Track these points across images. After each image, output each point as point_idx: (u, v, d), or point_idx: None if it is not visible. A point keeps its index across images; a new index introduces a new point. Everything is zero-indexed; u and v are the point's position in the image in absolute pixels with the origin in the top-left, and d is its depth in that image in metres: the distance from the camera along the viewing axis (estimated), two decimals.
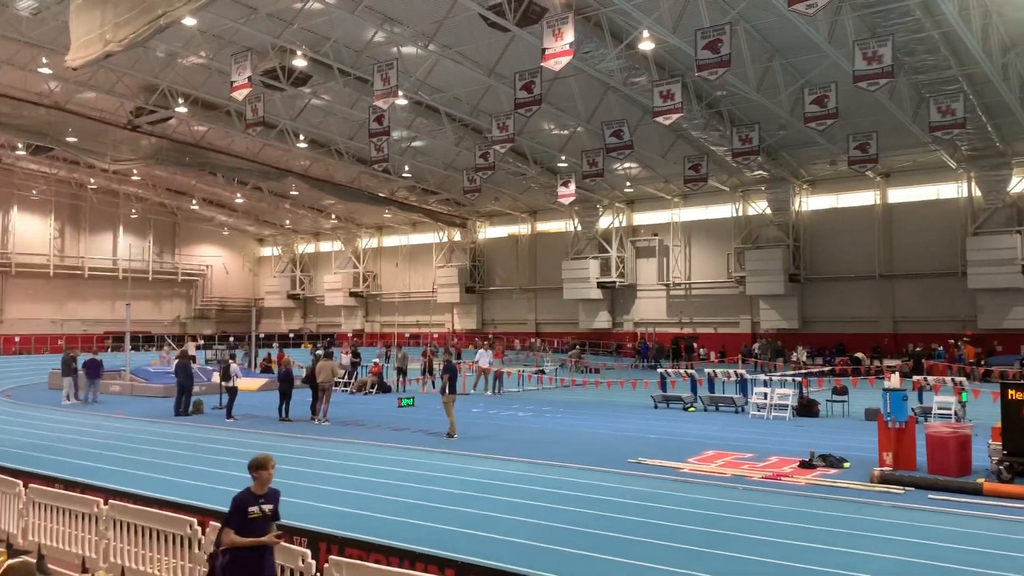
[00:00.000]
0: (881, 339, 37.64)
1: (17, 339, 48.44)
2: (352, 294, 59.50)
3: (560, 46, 20.46)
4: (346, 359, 31.13)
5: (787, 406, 21.05)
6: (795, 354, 37.19)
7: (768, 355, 37.55)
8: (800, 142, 34.06)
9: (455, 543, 9.09)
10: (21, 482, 9.52)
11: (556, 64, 20.90)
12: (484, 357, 28.91)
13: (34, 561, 7.25)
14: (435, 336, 51.65)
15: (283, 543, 6.28)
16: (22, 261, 51.93)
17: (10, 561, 5.08)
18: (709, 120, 30.40)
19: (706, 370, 25.56)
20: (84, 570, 8.38)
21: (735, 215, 43.01)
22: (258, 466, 6.18)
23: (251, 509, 6.00)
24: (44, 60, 28.86)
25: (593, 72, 26.13)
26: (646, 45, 24.08)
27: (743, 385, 23.28)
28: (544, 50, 20.81)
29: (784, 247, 39.91)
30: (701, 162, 33.52)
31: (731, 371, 24.99)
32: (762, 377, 24.03)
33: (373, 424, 20.28)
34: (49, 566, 8.81)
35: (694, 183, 34.22)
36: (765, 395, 21.53)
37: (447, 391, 17.89)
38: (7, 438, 17.93)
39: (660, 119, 24.85)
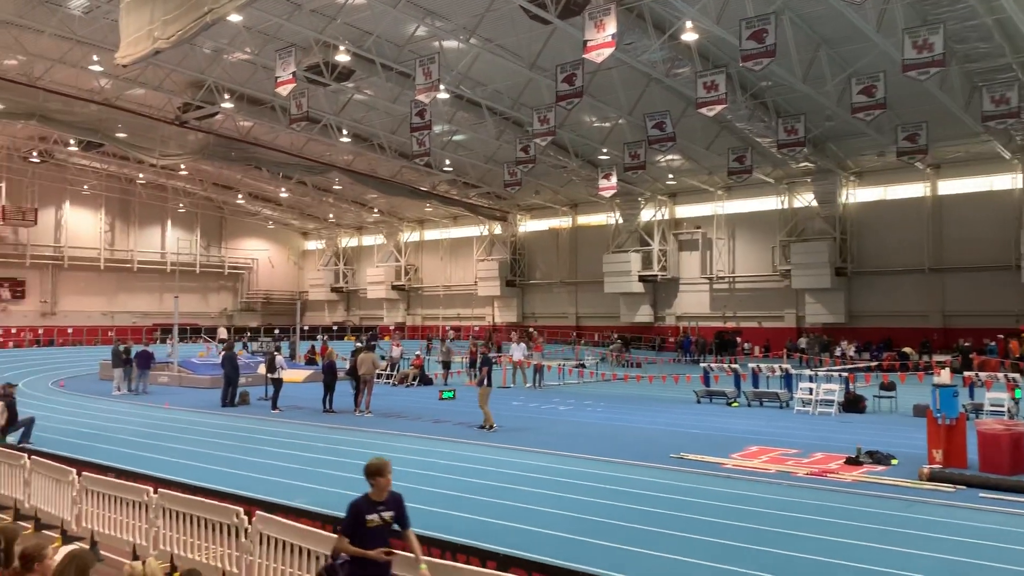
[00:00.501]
0: (930, 334, 36.84)
1: (70, 330, 49.72)
2: (394, 287, 59.99)
3: (602, 38, 20.32)
4: (396, 351, 31.41)
5: (833, 402, 20.72)
6: (839, 348, 36.59)
7: (816, 350, 37.00)
8: (847, 133, 33.43)
9: (495, 535, 9.12)
10: (75, 470, 9.74)
11: (598, 56, 20.78)
12: (518, 350, 28.93)
13: (88, 549, 7.45)
14: (476, 329, 51.92)
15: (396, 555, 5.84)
16: (74, 255, 53.29)
17: (71, 549, 5.22)
18: (754, 111, 29.98)
19: (750, 365, 25.27)
20: (135, 557, 8.56)
21: (780, 207, 42.41)
22: (376, 472, 5.83)
23: (369, 517, 5.66)
24: (95, 58, 29.50)
25: (635, 63, 25.92)
26: (689, 36, 23.83)
27: (788, 380, 22.96)
28: (586, 42, 20.70)
29: (830, 240, 39.26)
30: (745, 154, 33.11)
31: (776, 366, 24.65)
32: (807, 372, 23.67)
33: (414, 416, 20.42)
34: (101, 552, 9.06)
35: (738, 175, 33.82)
36: (810, 390, 21.22)
37: (486, 383, 17.99)
38: (61, 427, 18.42)
39: (704, 110, 24.61)
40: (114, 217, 55.84)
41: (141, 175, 52.44)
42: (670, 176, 42.59)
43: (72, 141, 42.40)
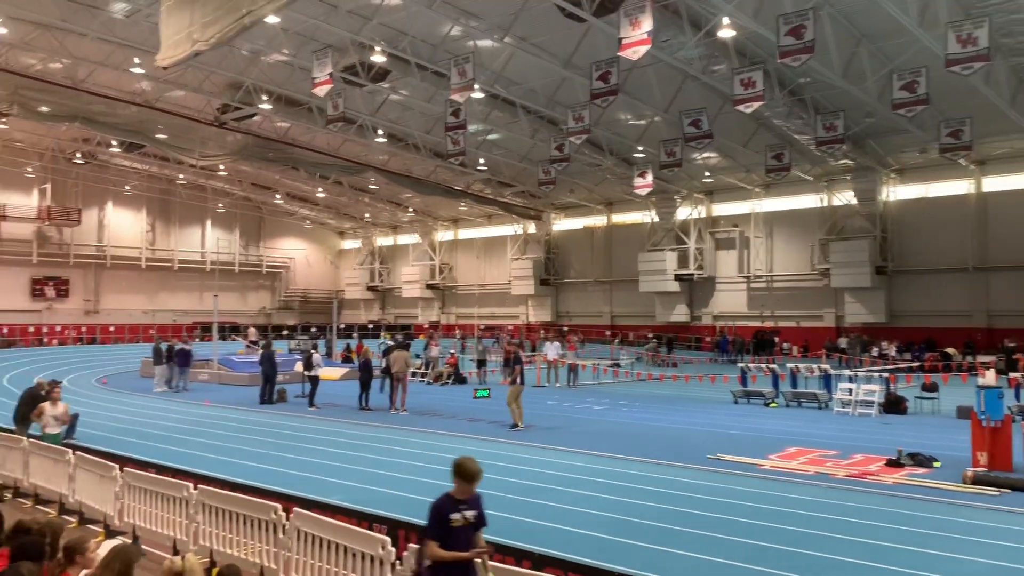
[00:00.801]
0: (974, 334, 36.06)
1: (112, 328, 50.70)
2: (428, 286, 60.25)
3: (638, 35, 20.18)
4: (435, 350, 31.54)
5: (873, 403, 20.40)
6: (876, 348, 35.98)
7: (857, 350, 36.43)
8: (888, 130, 32.83)
9: (530, 535, 9.10)
10: (117, 466, 9.92)
11: (634, 53, 20.64)
12: (552, 349, 28.88)
13: (131, 543, 7.58)
14: (511, 328, 51.94)
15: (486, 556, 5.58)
16: (116, 254, 54.36)
17: (115, 543, 5.32)
18: (792, 108, 29.59)
19: (788, 365, 24.96)
20: (175, 552, 8.69)
21: (819, 205, 41.84)
22: (472, 477, 5.55)
23: (453, 516, 5.42)
24: (136, 60, 30.00)
25: (671, 61, 25.72)
26: (726, 32, 23.57)
27: (827, 381, 22.65)
28: (621, 39, 20.56)
29: (871, 238, 38.62)
30: (784, 151, 32.70)
31: (814, 366, 24.33)
32: (847, 372, 23.32)
33: (449, 414, 20.49)
34: (143, 547, 9.20)
35: (776, 172, 33.43)
36: (850, 391, 20.91)
37: (518, 382, 17.96)
38: (103, 423, 18.77)
39: (741, 107, 24.35)
40: (155, 217, 56.85)
41: (181, 176, 53.32)
42: (707, 174, 42.22)
43: (114, 142, 43.26)
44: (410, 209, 58.20)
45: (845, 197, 40.59)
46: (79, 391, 26.26)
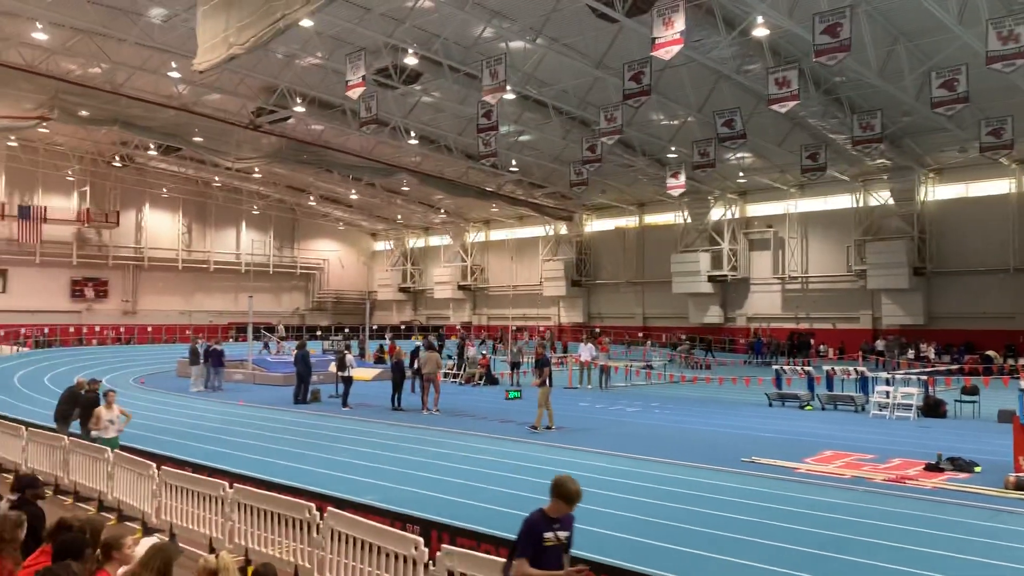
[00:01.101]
0: (1016, 336, 35.31)
1: (149, 329, 51.51)
2: (460, 287, 60.41)
3: (670, 35, 20.05)
4: (472, 351, 31.63)
5: (911, 406, 20.07)
6: (914, 351, 35.38)
7: (895, 352, 35.85)
8: (926, 128, 32.30)
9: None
10: (154, 464, 10.07)
11: (666, 53, 20.51)
12: (585, 351, 28.77)
13: (170, 541, 7.68)
14: (543, 329, 51.89)
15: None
16: (154, 255, 55.24)
17: (155, 542, 5.39)
18: (827, 107, 29.21)
19: (824, 367, 24.64)
20: (211, 550, 8.79)
21: (855, 206, 41.27)
22: (572, 498, 5.32)
23: (546, 535, 5.22)
24: (173, 64, 30.45)
25: (704, 60, 25.54)
26: (760, 31, 23.36)
27: (864, 383, 22.33)
28: (654, 39, 20.45)
29: (908, 239, 38.00)
30: (819, 151, 32.30)
31: (851, 368, 23.99)
32: (884, 375, 22.96)
33: (481, 415, 20.51)
34: (180, 545, 9.32)
35: (812, 172, 33.01)
36: (887, 394, 20.58)
37: (548, 383, 17.90)
38: (141, 422, 19.02)
39: (775, 107, 24.10)
40: (191, 219, 57.67)
41: (217, 178, 54.03)
42: (740, 174, 41.85)
43: (152, 145, 43.94)
44: (442, 210, 58.41)
45: (882, 197, 39.99)
46: (118, 390, 26.61)
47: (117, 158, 49.17)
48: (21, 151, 47.60)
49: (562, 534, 5.29)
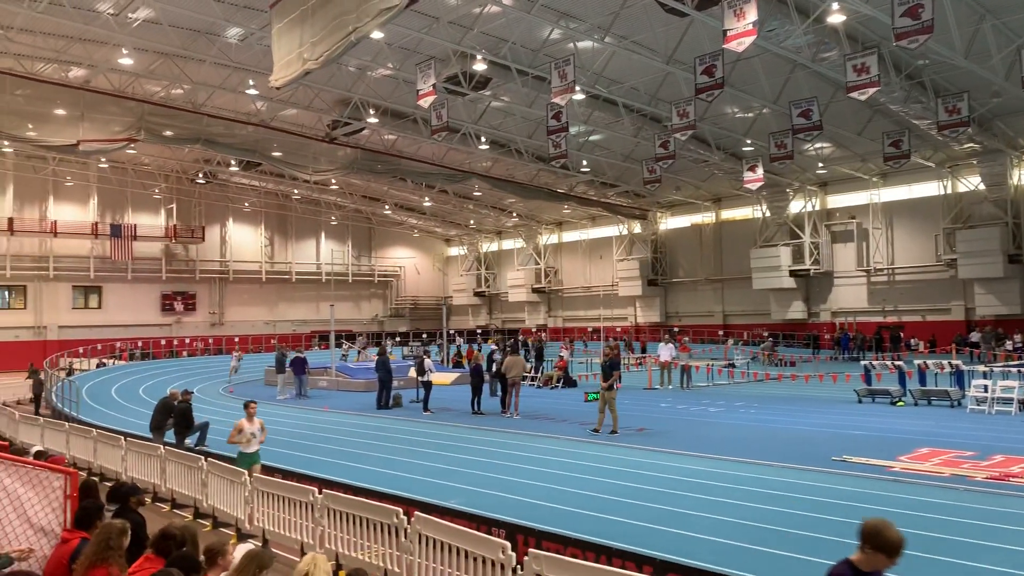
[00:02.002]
0: None
1: (236, 339, 53.10)
2: (534, 290, 60.45)
3: (742, 26, 19.62)
4: (565, 353, 31.68)
5: (1012, 400, 19.13)
6: (1011, 342, 33.77)
7: (991, 344, 34.30)
8: (1017, 109, 30.83)
9: (650, 540, 8.94)
10: (246, 472, 10.34)
11: (739, 45, 20.06)
12: (665, 350, 28.37)
13: (264, 547, 7.85)
14: (621, 330, 51.49)
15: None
16: (238, 268, 57.06)
17: (250, 548, 5.52)
18: (910, 92, 28.16)
19: (915, 361, 23.74)
20: (302, 555, 8.97)
21: (943, 192, 39.65)
22: (893, 549, 4.24)
23: None
24: (251, 82, 31.37)
25: (778, 50, 24.91)
26: (836, 17, 22.65)
27: (959, 377, 21.43)
28: (725, 32, 20.03)
29: (1002, 225, 36.31)
30: (902, 138, 31.18)
31: (944, 362, 23.05)
32: (981, 368, 21.98)
33: (561, 418, 20.43)
34: (272, 550, 9.54)
35: (895, 160, 31.89)
36: (985, 388, 19.68)
37: (615, 386, 17.59)
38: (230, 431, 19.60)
39: (854, 95, 23.34)
40: (273, 232, 59.33)
41: (296, 191, 55.51)
42: (820, 165, 40.70)
43: (233, 162, 45.39)
44: (514, 214, 58.59)
45: (971, 183, 38.34)
46: (208, 400, 27.59)
47: (200, 175, 50.99)
48: (111, 172, 49.81)
49: None
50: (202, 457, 11.66)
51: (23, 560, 5.77)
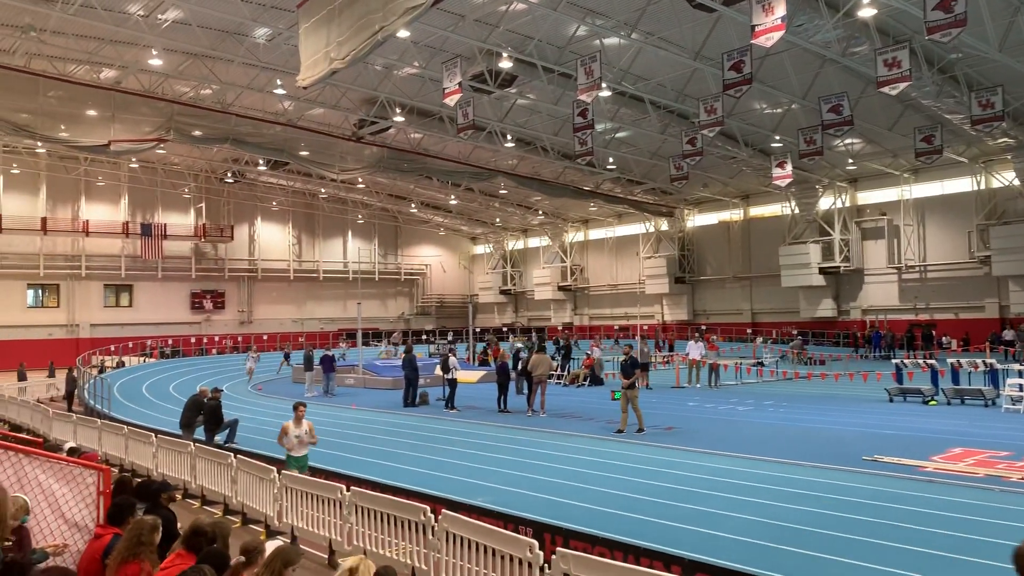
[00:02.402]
0: None
1: (264, 337, 53.57)
2: (560, 288, 60.35)
3: (771, 21, 19.40)
4: (597, 352, 31.59)
5: None
6: None
7: None
8: None
9: (678, 539, 8.87)
10: (275, 468, 10.40)
11: (767, 40, 19.84)
12: (695, 349, 28.17)
13: (292, 544, 7.91)
14: (645, 328, 51.21)
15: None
16: (266, 267, 57.58)
17: (277, 544, 5.56)
18: (942, 86, 27.71)
19: (948, 360, 23.37)
20: (331, 552, 9.03)
21: (976, 188, 39.04)
22: None
23: None
24: (278, 82, 31.60)
25: (808, 45, 24.63)
26: (866, 11, 22.33)
27: (993, 376, 21.06)
28: (754, 27, 19.82)
29: None
30: (934, 133, 30.69)
31: (978, 360, 22.66)
32: (1016, 367, 21.58)
33: (588, 416, 20.36)
34: (301, 547, 9.60)
35: (927, 156, 31.40)
36: (1021, 387, 19.33)
37: (636, 384, 17.42)
38: (260, 427, 19.79)
39: (885, 90, 23.00)
40: (300, 230, 59.79)
41: (323, 190, 55.91)
42: (850, 161, 40.21)
43: (261, 161, 45.79)
44: (540, 212, 58.54)
45: (1006, 178, 37.69)
46: (237, 397, 27.85)
47: (229, 174, 51.50)
48: (141, 172, 50.46)
49: None
50: (232, 454, 11.75)
51: (57, 555, 5.85)
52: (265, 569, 4.91)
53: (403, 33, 24.11)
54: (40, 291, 49.48)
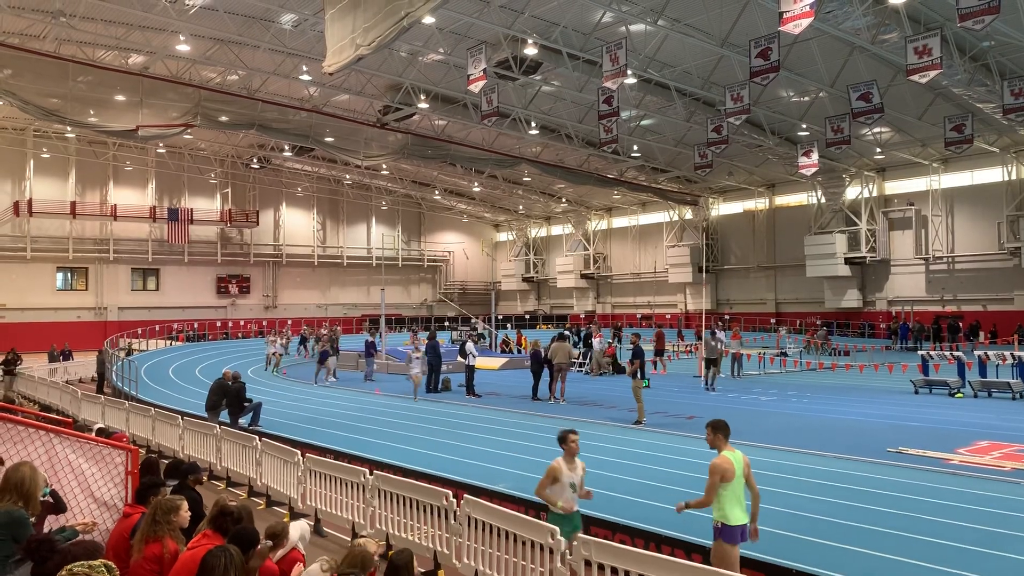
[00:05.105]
0: None
1: (289, 322, 53.98)
2: (583, 276, 60.24)
3: (799, 8, 19.19)
4: (597, 344, 31.48)
5: None
6: None
7: None
8: None
9: (700, 528, 8.85)
10: (299, 452, 10.52)
11: (795, 27, 19.64)
12: (729, 343, 27.97)
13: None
14: (668, 317, 51.05)
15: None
16: (291, 252, 58.01)
17: (301, 524, 5.64)
18: (973, 75, 27.25)
19: (975, 352, 23.09)
20: (353, 534, 9.11)
21: (1007, 179, 38.46)
22: None
23: None
24: (304, 68, 31.73)
25: (837, 32, 24.32)
26: None
27: (1021, 368, 20.78)
28: (782, 14, 19.62)
29: None
30: (965, 122, 30.23)
31: (1006, 353, 22.37)
32: None
33: (608, 405, 20.35)
34: (324, 529, 9.71)
35: (957, 145, 30.95)
36: None
37: (638, 376, 17.36)
38: (286, 411, 20.00)
39: (915, 78, 22.69)
40: (325, 216, 60.13)
41: (347, 176, 56.14)
42: (878, 150, 39.73)
43: (286, 147, 46.05)
44: (563, 200, 58.41)
45: None
46: (262, 381, 28.12)
47: (255, 160, 51.87)
48: (168, 157, 50.92)
49: None
50: (256, 437, 11.89)
51: (87, 533, 5.96)
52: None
53: (428, 19, 24.14)
54: (69, 274, 50.20)
